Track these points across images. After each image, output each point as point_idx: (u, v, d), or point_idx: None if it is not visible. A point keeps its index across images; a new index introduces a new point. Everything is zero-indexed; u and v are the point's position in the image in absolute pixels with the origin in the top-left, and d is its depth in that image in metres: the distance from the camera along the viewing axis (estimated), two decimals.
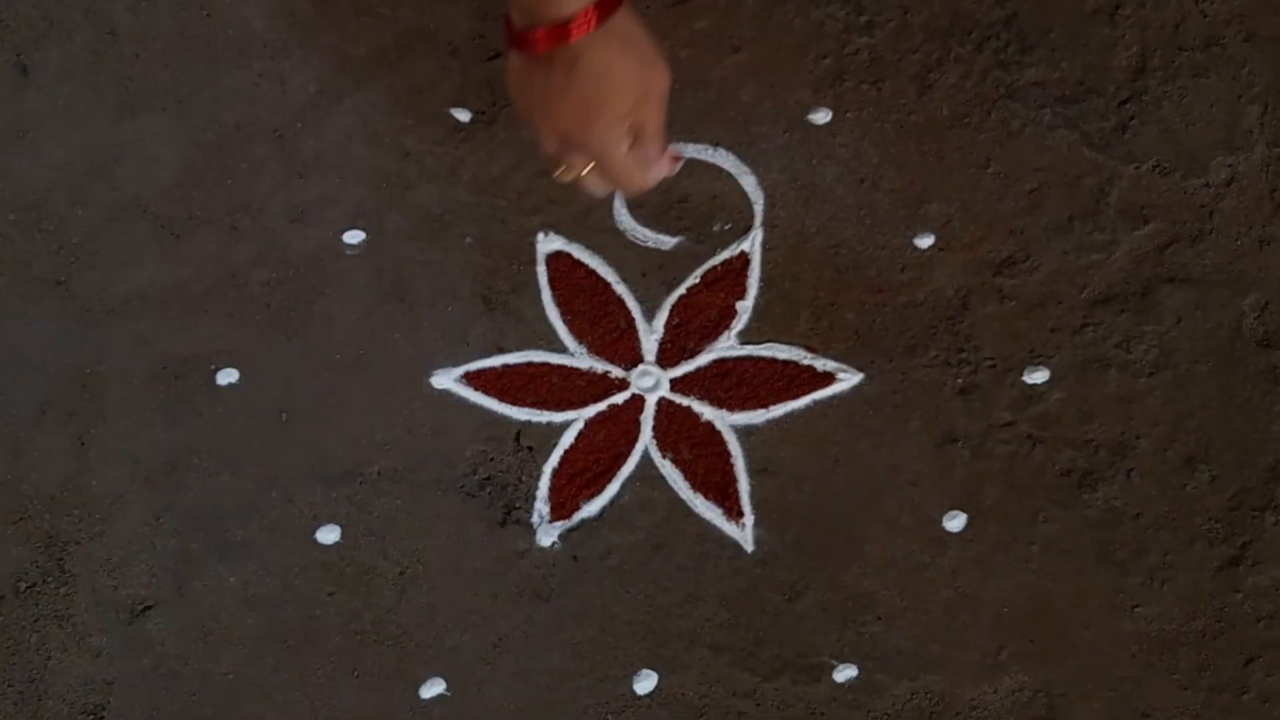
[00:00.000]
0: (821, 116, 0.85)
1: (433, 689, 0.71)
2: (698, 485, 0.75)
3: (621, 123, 0.69)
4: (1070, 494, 0.74)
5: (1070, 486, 0.74)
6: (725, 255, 0.81)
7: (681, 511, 0.75)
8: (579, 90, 0.68)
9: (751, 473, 0.75)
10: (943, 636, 0.71)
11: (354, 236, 0.83)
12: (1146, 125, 0.83)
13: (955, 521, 0.73)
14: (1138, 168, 0.82)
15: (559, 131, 0.70)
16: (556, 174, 0.74)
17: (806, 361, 0.78)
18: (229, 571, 0.74)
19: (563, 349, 0.79)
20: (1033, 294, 0.79)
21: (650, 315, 0.80)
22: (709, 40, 0.87)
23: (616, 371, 0.79)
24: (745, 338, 0.79)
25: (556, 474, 0.76)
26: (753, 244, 0.82)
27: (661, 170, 0.73)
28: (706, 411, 0.77)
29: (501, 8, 0.67)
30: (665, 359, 0.79)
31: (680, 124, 0.85)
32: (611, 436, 0.77)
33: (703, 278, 0.81)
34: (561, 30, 0.65)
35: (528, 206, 0.83)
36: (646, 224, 0.83)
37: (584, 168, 0.71)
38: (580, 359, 0.79)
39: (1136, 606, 0.71)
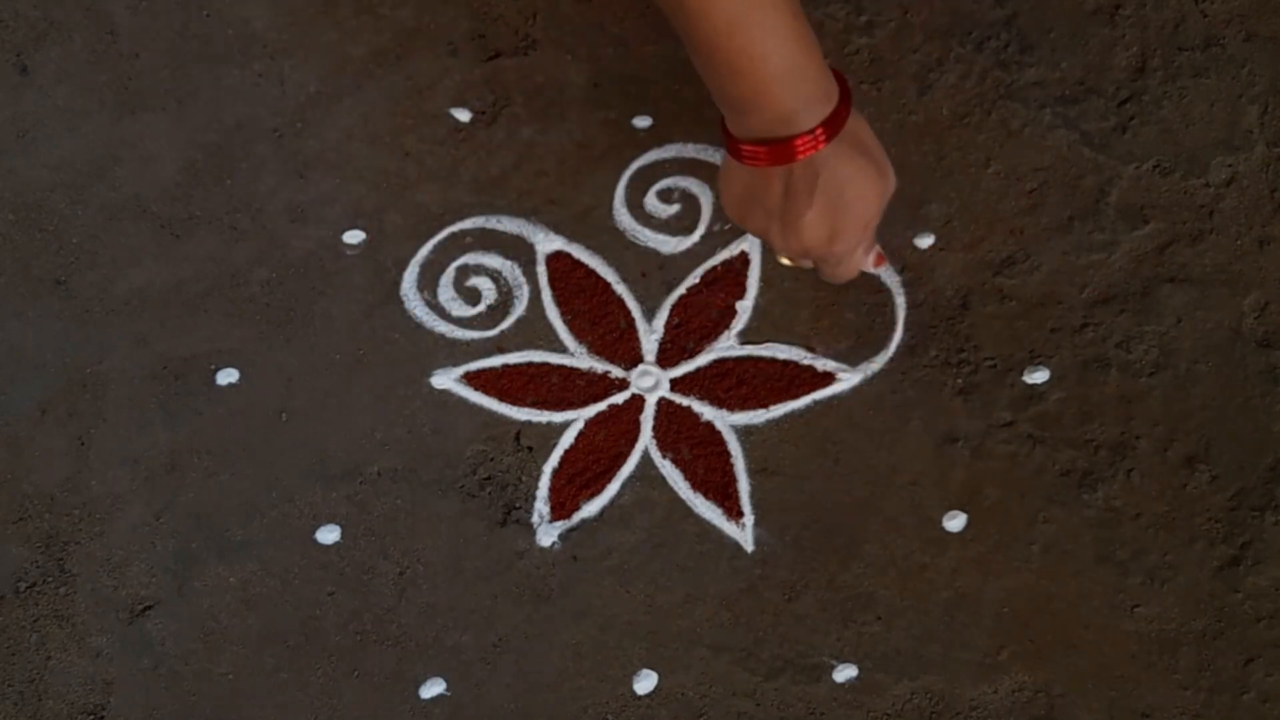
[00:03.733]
0: None
1: (433, 689, 0.71)
2: (698, 485, 0.75)
3: (867, 232, 0.67)
4: (1070, 494, 0.74)
5: (1070, 486, 0.74)
6: (725, 255, 0.81)
7: (681, 511, 0.75)
8: (824, 204, 0.64)
9: (751, 473, 0.75)
10: (943, 636, 0.71)
11: (354, 236, 0.83)
12: (1146, 125, 0.83)
13: (955, 521, 0.73)
14: (1138, 168, 0.82)
15: (802, 245, 0.67)
16: (781, 259, 0.76)
17: (806, 361, 0.78)
18: (229, 571, 0.74)
19: (563, 349, 0.79)
20: (1033, 294, 0.79)
21: (650, 315, 0.80)
22: None
23: (616, 371, 0.79)
24: (745, 338, 0.79)
25: (556, 474, 0.76)
26: (753, 244, 0.82)
27: (868, 265, 0.73)
28: (706, 411, 0.77)
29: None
30: (665, 359, 0.79)
31: (681, 124, 0.85)
32: (611, 436, 0.77)
33: (703, 278, 0.81)
34: (786, 150, 0.62)
35: (528, 206, 0.83)
36: (648, 226, 0.83)
37: (808, 263, 0.70)
38: (580, 359, 0.79)
39: (1136, 606, 0.71)
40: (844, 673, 0.70)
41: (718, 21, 0.58)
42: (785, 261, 0.78)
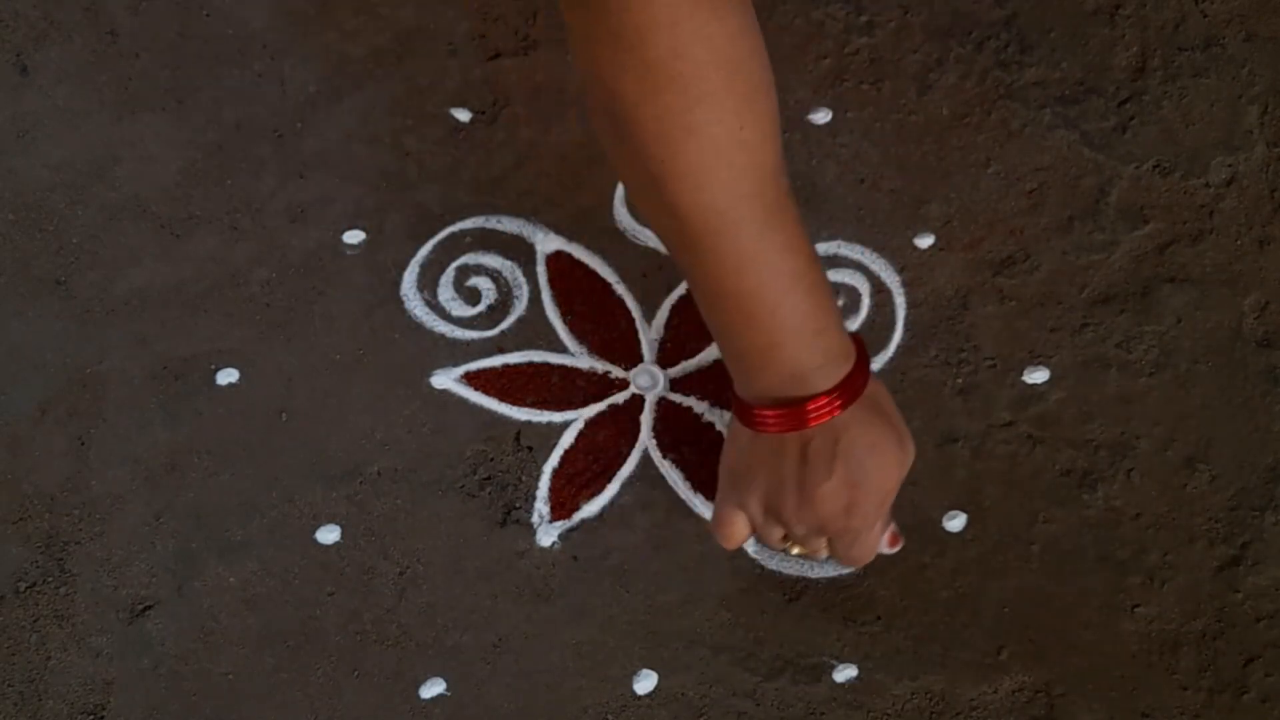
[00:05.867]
0: (821, 116, 0.85)
1: (433, 689, 0.71)
2: (698, 485, 0.75)
3: (885, 506, 0.61)
4: (1070, 494, 0.74)
5: (1070, 486, 0.74)
6: None
7: (681, 511, 0.75)
8: (845, 473, 0.58)
9: None
10: (943, 636, 0.71)
11: (354, 236, 0.83)
12: (1146, 125, 0.83)
13: (955, 521, 0.73)
14: (1138, 168, 0.82)
15: (818, 518, 0.60)
16: (784, 548, 0.67)
17: None
18: (229, 571, 0.74)
19: (563, 349, 0.79)
20: (1033, 294, 0.79)
21: (650, 315, 0.80)
22: None
23: (616, 371, 0.79)
24: None
25: (556, 474, 0.76)
26: None
27: (884, 546, 0.67)
28: (706, 412, 0.77)
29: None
30: (665, 359, 0.79)
31: None
32: (611, 436, 0.77)
33: None
34: (798, 414, 0.56)
35: (528, 206, 0.83)
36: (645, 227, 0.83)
37: (821, 548, 0.64)
38: (580, 359, 0.79)
39: (1136, 606, 0.71)
40: (844, 673, 0.70)
41: (728, 259, 0.53)
42: (793, 550, 0.69)
